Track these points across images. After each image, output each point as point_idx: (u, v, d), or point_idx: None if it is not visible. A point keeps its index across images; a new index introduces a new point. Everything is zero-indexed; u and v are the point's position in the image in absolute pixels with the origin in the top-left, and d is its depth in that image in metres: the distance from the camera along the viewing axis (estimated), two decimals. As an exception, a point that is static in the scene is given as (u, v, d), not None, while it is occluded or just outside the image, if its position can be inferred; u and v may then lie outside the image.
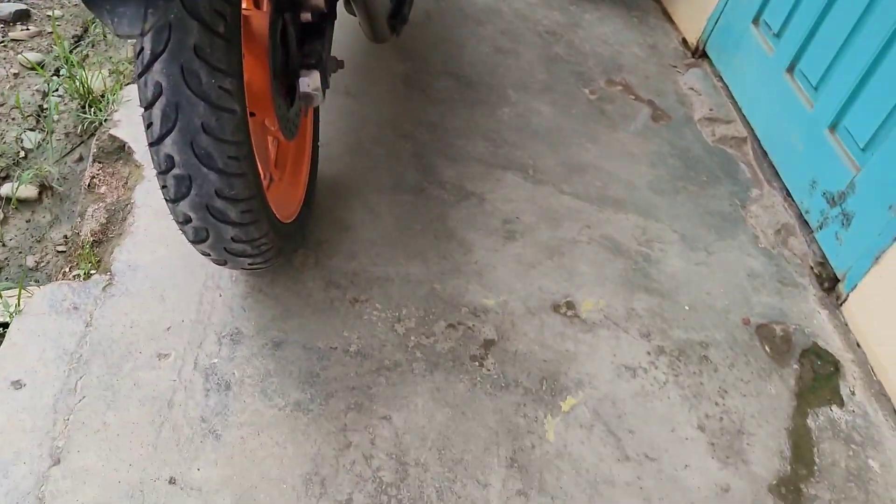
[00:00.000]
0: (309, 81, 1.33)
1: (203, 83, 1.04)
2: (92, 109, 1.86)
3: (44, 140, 1.82)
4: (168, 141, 1.07)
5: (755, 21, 2.37)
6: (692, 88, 2.49)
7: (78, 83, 1.86)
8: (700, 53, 2.66)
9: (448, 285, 1.62)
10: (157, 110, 1.06)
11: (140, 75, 1.05)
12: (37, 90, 1.95)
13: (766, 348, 1.69)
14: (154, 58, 1.02)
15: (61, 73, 1.99)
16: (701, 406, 1.53)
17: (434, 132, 2.02)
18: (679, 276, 1.80)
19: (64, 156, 1.80)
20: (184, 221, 1.18)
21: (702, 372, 1.59)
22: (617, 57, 2.58)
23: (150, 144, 1.10)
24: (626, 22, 2.80)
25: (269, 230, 1.25)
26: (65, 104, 1.92)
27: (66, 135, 1.86)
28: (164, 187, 1.14)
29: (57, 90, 1.96)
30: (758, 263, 1.90)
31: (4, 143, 1.77)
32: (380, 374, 1.41)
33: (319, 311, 1.49)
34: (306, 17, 1.35)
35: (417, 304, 1.56)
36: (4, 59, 2.00)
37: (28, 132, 1.83)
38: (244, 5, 1.38)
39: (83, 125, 1.84)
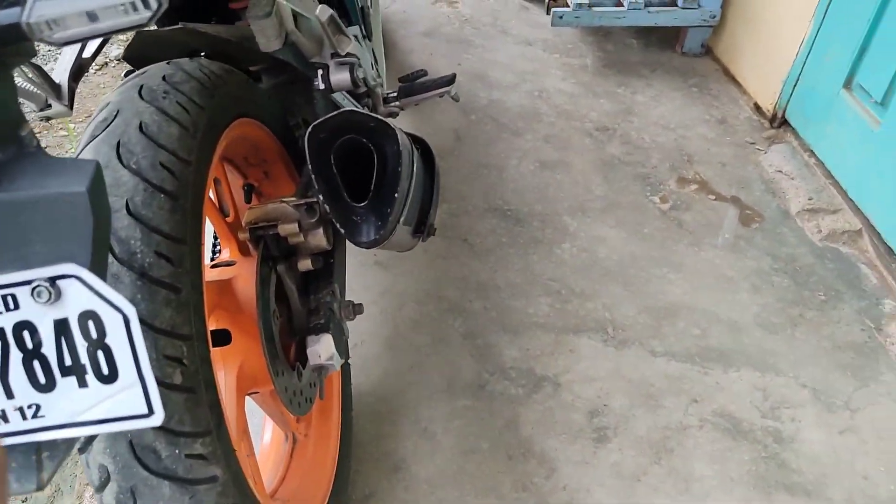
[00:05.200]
0: (319, 350, 1.01)
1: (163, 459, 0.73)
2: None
3: None
4: None
5: (847, 86, 1.97)
6: (780, 171, 2.09)
7: None
8: (780, 122, 2.25)
9: (535, 534, 1.26)
10: None
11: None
12: None
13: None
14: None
15: None
16: None
17: (485, 296, 1.69)
18: (822, 457, 1.41)
19: None
20: None
21: None
22: (683, 144, 2.20)
23: None
24: (684, 95, 2.43)
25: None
26: None
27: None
28: None
29: None
30: (919, 416, 1.49)
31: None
32: None
33: None
34: (305, 264, 1.03)
35: (500, 574, 1.21)
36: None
37: None
38: (229, 257, 1.08)
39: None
